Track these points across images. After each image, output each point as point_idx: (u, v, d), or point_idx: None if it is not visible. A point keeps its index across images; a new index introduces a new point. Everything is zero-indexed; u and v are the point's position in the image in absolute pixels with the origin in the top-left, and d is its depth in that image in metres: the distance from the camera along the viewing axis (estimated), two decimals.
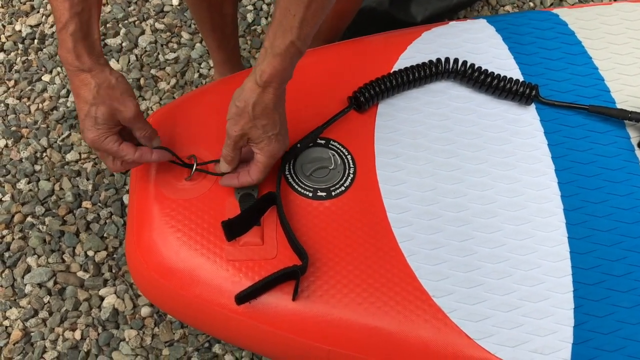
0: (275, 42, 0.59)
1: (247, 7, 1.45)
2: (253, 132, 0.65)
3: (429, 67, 0.81)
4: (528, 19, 0.92)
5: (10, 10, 1.45)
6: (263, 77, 0.61)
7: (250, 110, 0.63)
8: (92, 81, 0.63)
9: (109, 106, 0.63)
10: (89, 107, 0.63)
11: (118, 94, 0.64)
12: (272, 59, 0.60)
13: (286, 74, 0.62)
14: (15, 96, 1.32)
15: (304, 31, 0.59)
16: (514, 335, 0.68)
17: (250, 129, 0.64)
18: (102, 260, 1.14)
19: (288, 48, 0.59)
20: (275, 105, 0.64)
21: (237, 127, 0.64)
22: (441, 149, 0.78)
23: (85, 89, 0.63)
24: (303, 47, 0.60)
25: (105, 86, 0.63)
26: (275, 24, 0.59)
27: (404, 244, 0.71)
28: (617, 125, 0.83)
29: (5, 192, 1.21)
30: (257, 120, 0.64)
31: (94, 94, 0.63)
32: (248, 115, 0.63)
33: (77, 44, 0.62)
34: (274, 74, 0.61)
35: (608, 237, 0.75)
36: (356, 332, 0.67)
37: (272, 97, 0.63)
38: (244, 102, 0.63)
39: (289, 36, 0.59)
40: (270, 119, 0.64)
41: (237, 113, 0.64)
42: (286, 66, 0.61)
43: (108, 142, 0.64)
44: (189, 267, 0.69)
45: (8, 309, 1.10)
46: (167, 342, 1.07)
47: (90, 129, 0.64)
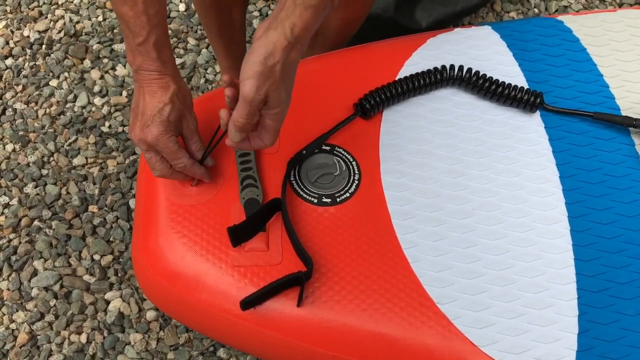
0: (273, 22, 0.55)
1: (253, 14, 1.46)
2: (275, 96, 0.57)
3: (434, 74, 0.82)
4: (533, 26, 0.93)
5: (19, 16, 1.46)
6: (295, 31, 0.54)
7: (279, 70, 0.55)
8: (173, 85, 0.66)
9: (180, 110, 0.67)
10: (164, 106, 0.65)
11: (189, 103, 0.69)
12: (304, 12, 0.54)
13: (313, 30, 0.57)
14: (23, 101, 1.33)
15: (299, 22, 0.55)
16: (518, 343, 0.68)
17: (273, 92, 0.57)
18: (108, 264, 1.15)
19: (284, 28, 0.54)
20: (298, 65, 0.58)
21: (262, 90, 0.56)
22: (446, 156, 0.79)
23: (163, 90, 0.66)
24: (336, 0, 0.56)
25: (182, 94, 0.68)
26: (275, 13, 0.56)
27: (408, 250, 0.72)
28: (622, 133, 0.83)
29: (13, 196, 1.22)
30: (284, 82, 0.57)
31: (171, 96, 0.66)
32: (275, 75, 0.55)
33: (161, 53, 0.65)
34: (306, 27, 0.55)
35: (612, 245, 0.75)
36: (360, 338, 0.68)
37: (298, 55, 0.57)
38: (274, 61, 0.55)
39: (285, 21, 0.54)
40: (292, 79, 0.59)
41: (264, 73, 0.55)
42: (318, 20, 0.56)
43: (171, 140, 0.66)
44: (195, 272, 0.70)
45: (15, 312, 1.10)
46: (172, 346, 1.07)
47: (158, 125, 0.65)
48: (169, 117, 0.66)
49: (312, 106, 0.81)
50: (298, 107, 0.80)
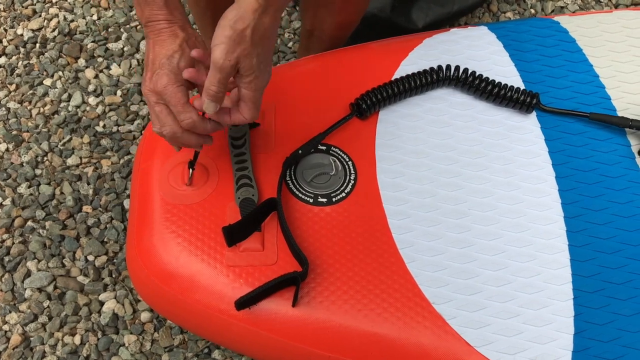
0: None
1: None
2: (247, 62, 0.56)
3: (430, 74, 0.81)
4: (529, 26, 0.93)
5: (12, 14, 1.45)
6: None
7: (250, 34, 0.54)
8: (181, 33, 0.62)
9: (191, 59, 0.62)
10: (173, 53, 0.61)
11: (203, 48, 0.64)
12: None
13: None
14: (17, 100, 1.33)
15: None
16: (513, 343, 0.68)
17: (245, 58, 0.56)
18: (102, 265, 1.14)
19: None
20: (273, 31, 0.57)
21: (233, 55, 0.55)
22: (442, 156, 0.78)
23: (172, 39, 0.62)
24: None
25: (193, 41, 0.63)
26: None
27: (404, 250, 0.71)
28: (618, 133, 0.83)
29: (6, 196, 1.21)
30: (256, 47, 0.55)
31: (180, 42, 0.62)
32: (246, 40, 0.54)
33: (168, 1, 0.62)
34: None
35: (608, 245, 0.75)
36: (356, 338, 0.67)
37: (272, 21, 0.55)
38: (243, 25, 0.54)
39: None
40: (267, 47, 0.57)
41: (233, 38, 0.54)
42: None
43: (180, 90, 0.61)
44: (189, 272, 0.69)
45: (7, 314, 1.10)
46: (167, 347, 1.07)
47: (168, 72, 0.61)
48: (179, 65, 0.62)
49: (308, 106, 0.80)
50: (294, 107, 0.80)
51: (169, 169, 0.75)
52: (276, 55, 1.40)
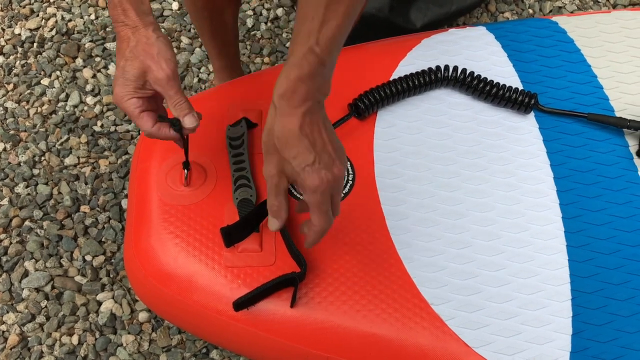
0: (293, 50, 0.51)
1: (246, 12, 1.45)
2: (287, 168, 0.54)
3: (428, 74, 0.81)
4: (527, 27, 0.93)
5: (10, 13, 1.45)
6: (279, 92, 0.52)
7: (276, 141, 0.53)
8: (132, 37, 0.60)
9: (141, 62, 0.60)
10: (124, 62, 0.60)
11: (154, 51, 0.60)
12: (289, 70, 0.51)
13: (307, 87, 0.51)
14: (14, 100, 1.32)
15: (325, 35, 0.50)
16: (511, 343, 0.68)
17: (283, 166, 0.54)
18: (100, 264, 1.14)
19: (306, 55, 0.50)
20: (302, 129, 0.52)
21: (271, 166, 0.55)
22: (440, 157, 0.78)
23: (125, 44, 0.60)
24: (325, 55, 0.51)
25: (144, 42, 0.60)
26: (295, 33, 0.52)
27: (402, 250, 0.71)
28: (616, 134, 0.83)
29: (4, 196, 1.21)
30: (285, 151, 0.53)
31: (131, 48, 0.60)
32: (275, 149, 0.53)
33: (123, 0, 0.60)
34: (290, 87, 0.51)
35: (606, 246, 0.75)
36: (354, 339, 0.67)
37: (293, 119, 0.52)
38: (267, 134, 0.54)
39: (307, 42, 0.50)
40: (299, 147, 0.52)
41: (266, 150, 0.55)
42: (304, 76, 0.51)
43: (130, 103, 0.60)
44: (187, 273, 0.69)
45: (5, 314, 1.09)
46: (165, 347, 1.07)
47: (119, 84, 0.60)
48: (127, 74, 0.60)
49: None
50: None
51: (166, 170, 0.74)
52: (274, 55, 1.40)
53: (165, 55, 0.60)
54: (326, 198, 0.55)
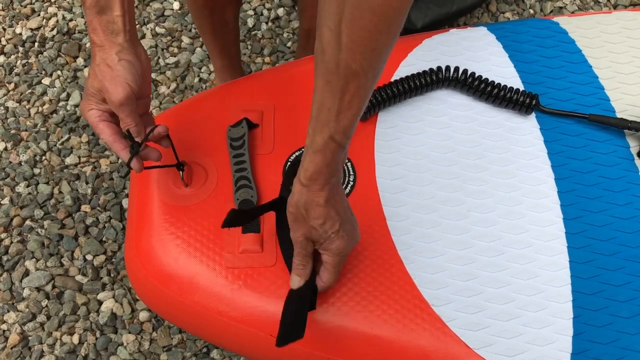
0: (315, 138, 0.56)
1: (247, 12, 1.45)
2: (314, 234, 0.61)
3: (429, 75, 0.81)
4: (528, 27, 0.92)
5: (11, 13, 1.45)
6: (306, 175, 0.58)
7: (303, 212, 0.60)
8: (97, 56, 0.63)
9: (100, 82, 0.63)
10: (88, 78, 0.64)
11: (113, 74, 0.63)
12: (314, 156, 0.57)
13: (330, 169, 0.58)
14: (15, 99, 1.32)
15: (342, 124, 0.55)
16: (512, 345, 0.68)
17: (310, 232, 0.61)
18: (101, 264, 1.14)
19: (327, 143, 0.56)
20: (328, 202, 0.60)
21: (299, 233, 0.62)
22: (441, 157, 0.78)
23: (92, 61, 0.64)
24: (343, 140, 0.56)
25: (105, 64, 0.63)
26: (313, 120, 0.56)
27: (403, 252, 0.71)
28: (617, 135, 0.83)
29: (4, 196, 1.21)
30: (313, 221, 0.60)
31: (94, 67, 0.63)
32: (303, 218, 0.60)
33: (92, 18, 0.63)
34: (317, 170, 0.57)
35: (607, 247, 0.75)
36: (355, 340, 0.67)
37: (321, 195, 0.59)
38: (295, 206, 0.60)
39: (326, 131, 0.55)
40: (326, 216, 0.60)
41: (294, 219, 0.61)
42: (328, 161, 0.57)
43: (90, 114, 0.65)
44: (188, 273, 0.69)
45: (6, 313, 1.09)
46: (165, 347, 1.07)
47: (84, 97, 0.65)
48: (88, 91, 0.64)
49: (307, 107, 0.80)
50: (293, 108, 0.80)
51: (167, 170, 0.74)
52: (275, 55, 1.40)
53: (123, 79, 0.63)
54: (343, 260, 0.64)
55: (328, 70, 0.52)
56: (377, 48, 0.50)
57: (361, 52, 0.50)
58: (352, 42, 0.49)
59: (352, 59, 0.50)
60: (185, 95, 1.33)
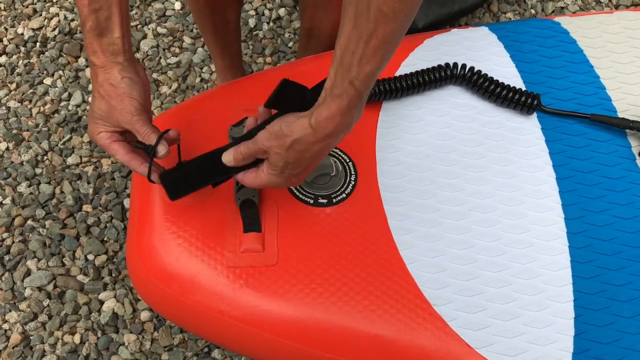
0: (335, 82, 0.54)
1: (249, 12, 1.45)
2: (275, 158, 0.60)
3: (436, 70, 0.81)
4: (530, 27, 0.92)
5: (13, 13, 1.45)
6: (319, 119, 0.55)
7: (290, 142, 0.57)
8: (100, 77, 0.64)
9: (107, 103, 0.63)
10: (93, 100, 0.64)
11: (119, 92, 0.63)
12: (331, 101, 0.54)
13: (344, 120, 0.55)
14: (17, 99, 1.32)
15: (364, 70, 0.52)
16: (514, 344, 0.68)
17: (276, 154, 0.59)
18: (102, 264, 1.14)
19: (347, 89, 0.53)
20: (317, 154, 0.58)
21: (267, 144, 0.59)
22: (442, 157, 0.78)
23: (95, 83, 0.64)
24: (362, 88, 0.54)
25: (109, 83, 0.64)
26: (335, 64, 0.54)
27: (404, 251, 0.71)
28: (618, 134, 0.83)
29: (6, 195, 1.21)
30: (289, 154, 0.58)
31: (97, 89, 0.64)
32: (284, 144, 0.58)
33: (92, 41, 0.63)
34: (330, 117, 0.55)
35: (609, 247, 0.75)
36: (356, 339, 0.67)
37: (318, 147, 0.57)
38: (289, 132, 0.57)
39: (347, 75, 0.53)
40: (301, 163, 0.59)
41: (277, 134, 0.58)
42: (344, 110, 0.54)
43: (100, 137, 0.65)
44: (190, 273, 0.69)
45: (7, 312, 1.10)
46: (167, 346, 1.07)
47: (90, 122, 0.65)
48: (95, 113, 0.64)
49: None
50: None
51: None
52: (276, 55, 1.40)
53: (129, 95, 0.63)
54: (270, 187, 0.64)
55: (358, 13, 0.50)
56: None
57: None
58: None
59: (384, 1, 0.48)
60: (187, 95, 1.33)
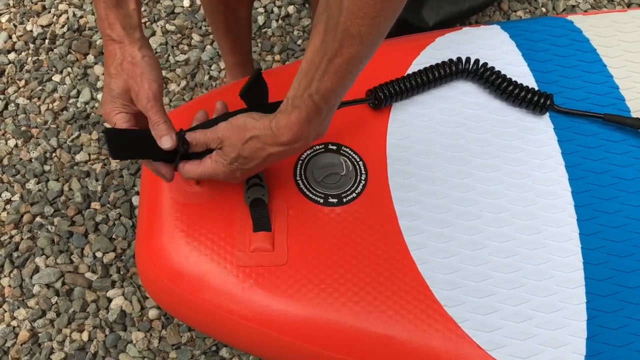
0: (296, 92, 0.56)
1: (257, 10, 1.45)
2: (229, 149, 0.60)
3: (449, 66, 0.80)
4: (542, 26, 0.92)
5: (22, 10, 1.45)
6: (279, 124, 0.57)
7: (248, 137, 0.59)
8: (118, 53, 0.60)
9: (125, 82, 0.60)
10: (110, 79, 0.61)
11: (138, 72, 0.60)
12: (291, 111, 0.56)
13: (301, 133, 0.57)
14: (26, 96, 1.33)
15: (324, 85, 0.53)
16: (526, 347, 0.68)
17: (231, 145, 0.60)
18: (111, 261, 1.14)
19: (305, 101, 0.55)
20: (270, 157, 0.60)
21: (226, 134, 0.60)
22: (454, 157, 0.78)
23: (111, 60, 0.61)
24: (322, 104, 0.55)
25: (129, 61, 0.60)
26: (299, 75, 0.55)
27: (415, 252, 0.71)
28: (632, 135, 0.82)
29: (15, 192, 1.21)
30: (244, 148, 0.60)
31: (116, 66, 0.60)
32: (243, 137, 0.59)
33: (109, 12, 0.60)
34: (289, 126, 0.57)
35: (622, 248, 0.74)
36: (366, 340, 0.67)
37: (273, 150, 0.59)
38: (251, 127, 0.59)
39: (308, 88, 0.54)
40: (252, 160, 0.60)
41: (238, 127, 0.60)
42: (302, 121, 0.56)
43: (118, 118, 0.61)
44: (199, 272, 0.69)
45: (16, 309, 1.10)
46: (175, 345, 1.07)
47: (107, 101, 0.62)
48: (112, 92, 0.61)
49: None
50: None
51: None
52: (285, 52, 1.39)
53: (148, 76, 0.61)
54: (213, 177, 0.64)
55: (326, 30, 0.51)
56: (377, 17, 0.50)
57: (362, 17, 0.49)
58: (354, 5, 0.49)
59: (352, 22, 0.49)
60: (195, 93, 1.33)
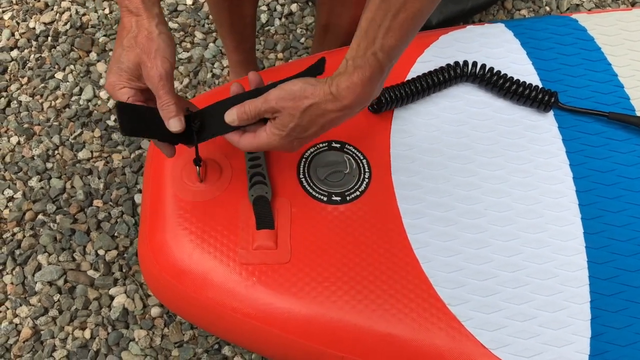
0: (357, 52, 0.54)
1: (261, 8, 1.44)
2: (287, 119, 0.57)
3: (450, 70, 0.80)
4: (546, 24, 0.91)
5: (24, 7, 1.45)
6: (340, 87, 0.55)
7: (307, 105, 0.56)
8: (134, 26, 0.59)
9: (137, 56, 0.58)
10: (121, 51, 0.59)
11: (153, 47, 0.58)
12: (353, 71, 0.54)
13: (364, 94, 0.55)
14: (28, 93, 1.32)
15: (388, 42, 0.52)
16: (530, 346, 0.67)
17: (289, 115, 0.57)
18: (113, 259, 1.14)
19: (369, 59, 0.53)
20: (330, 123, 0.57)
21: (281, 104, 0.57)
22: (458, 155, 0.77)
23: (125, 32, 0.59)
24: (385, 62, 0.54)
25: (145, 35, 0.58)
26: (359, 35, 0.54)
27: (419, 250, 0.71)
28: (636, 133, 0.82)
29: (17, 190, 1.21)
30: (303, 117, 0.57)
31: (130, 39, 0.58)
32: (301, 105, 0.56)
33: None
34: (352, 87, 0.55)
35: (626, 247, 0.74)
36: (370, 338, 0.67)
37: (334, 115, 0.56)
38: (310, 94, 0.56)
39: (371, 47, 0.53)
40: (311, 128, 0.58)
41: (294, 95, 0.56)
42: (365, 81, 0.54)
43: (122, 92, 0.60)
44: (202, 269, 0.69)
45: (18, 307, 1.10)
46: (177, 343, 1.07)
47: (113, 72, 0.59)
48: (122, 65, 0.59)
49: None
50: None
51: (181, 165, 0.74)
52: (288, 51, 1.39)
53: (163, 53, 0.59)
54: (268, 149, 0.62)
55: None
56: None
57: None
58: None
59: None
60: (198, 91, 1.33)
